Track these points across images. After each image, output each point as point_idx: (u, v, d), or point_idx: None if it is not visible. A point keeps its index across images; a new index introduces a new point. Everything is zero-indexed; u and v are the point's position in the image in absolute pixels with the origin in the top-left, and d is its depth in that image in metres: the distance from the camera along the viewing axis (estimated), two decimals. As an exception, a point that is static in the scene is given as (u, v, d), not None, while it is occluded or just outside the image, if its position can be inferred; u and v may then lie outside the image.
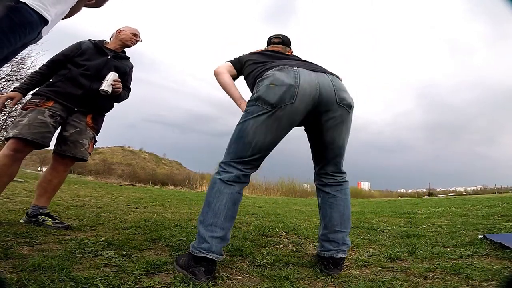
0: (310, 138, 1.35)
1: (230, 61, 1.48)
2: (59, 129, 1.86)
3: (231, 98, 1.42)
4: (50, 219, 1.78)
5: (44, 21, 0.85)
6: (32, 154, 1.97)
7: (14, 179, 1.91)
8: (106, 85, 1.78)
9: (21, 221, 1.83)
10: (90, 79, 1.85)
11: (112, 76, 1.83)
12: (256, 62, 1.38)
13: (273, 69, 1.20)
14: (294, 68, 1.18)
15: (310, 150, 1.36)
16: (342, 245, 1.21)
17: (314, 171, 1.37)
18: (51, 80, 1.87)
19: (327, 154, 1.27)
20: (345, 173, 1.33)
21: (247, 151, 1.14)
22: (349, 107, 1.22)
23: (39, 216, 1.79)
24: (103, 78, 1.82)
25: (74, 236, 1.56)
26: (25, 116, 1.70)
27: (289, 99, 1.11)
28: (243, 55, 1.51)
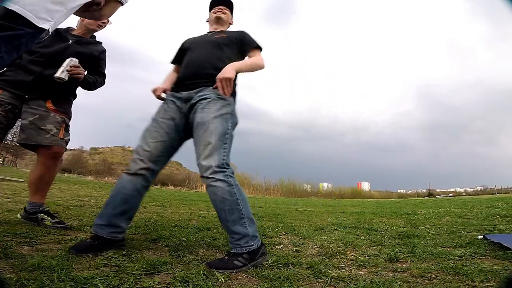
0: None
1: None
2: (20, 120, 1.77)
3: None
4: (49, 218, 1.77)
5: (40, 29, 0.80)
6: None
7: (14, 179, 1.91)
8: (60, 72, 1.70)
9: (18, 215, 1.82)
10: (42, 65, 1.76)
11: (68, 62, 1.74)
12: None
13: None
14: None
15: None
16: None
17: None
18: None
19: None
20: None
21: None
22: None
23: (38, 214, 1.78)
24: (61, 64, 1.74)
25: (74, 236, 1.56)
26: None
27: None
28: None
